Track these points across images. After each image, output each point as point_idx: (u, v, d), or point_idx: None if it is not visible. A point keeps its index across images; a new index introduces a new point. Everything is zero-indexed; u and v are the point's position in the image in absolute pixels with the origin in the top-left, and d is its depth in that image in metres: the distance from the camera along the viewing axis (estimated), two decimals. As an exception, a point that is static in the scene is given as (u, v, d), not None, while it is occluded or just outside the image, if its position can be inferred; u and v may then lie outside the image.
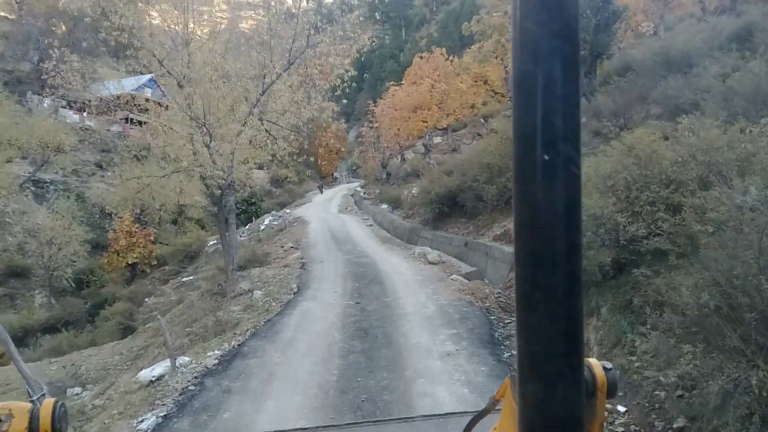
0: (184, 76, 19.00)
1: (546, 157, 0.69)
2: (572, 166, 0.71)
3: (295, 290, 16.00)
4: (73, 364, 21.55)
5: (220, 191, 20.23)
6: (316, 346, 10.77)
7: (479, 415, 1.44)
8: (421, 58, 41.11)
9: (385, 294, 14.71)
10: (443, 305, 13.22)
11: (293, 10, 21.04)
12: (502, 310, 13.10)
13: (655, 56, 25.16)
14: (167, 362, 11.07)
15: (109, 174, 33.05)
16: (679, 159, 10.09)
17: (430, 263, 19.00)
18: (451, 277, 16.60)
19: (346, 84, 20.59)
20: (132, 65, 19.34)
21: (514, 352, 10.92)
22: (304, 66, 20.55)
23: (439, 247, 22.89)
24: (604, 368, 1.12)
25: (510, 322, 12.10)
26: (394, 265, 19.23)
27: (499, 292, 14.36)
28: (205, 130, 18.69)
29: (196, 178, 21.83)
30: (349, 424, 2.33)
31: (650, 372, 8.50)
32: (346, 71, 20.36)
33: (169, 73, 19.24)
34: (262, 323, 12.82)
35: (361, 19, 21.47)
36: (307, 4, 20.86)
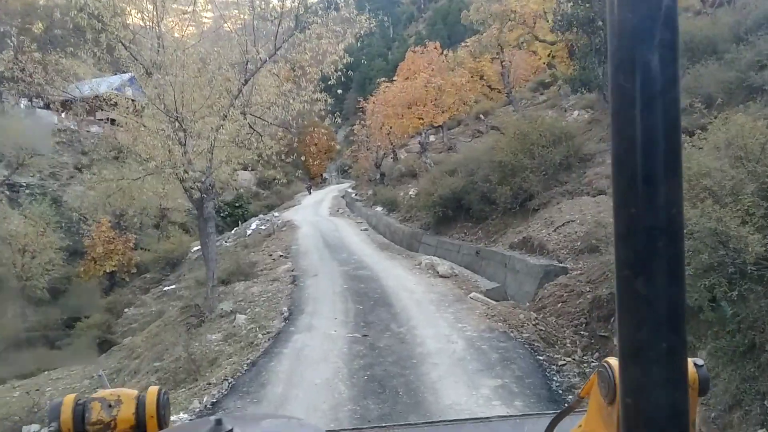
0: (153, 63, 15.84)
1: (646, 151, 0.66)
2: (673, 158, 0.67)
3: (286, 315, 12.86)
4: (38, 389, 18.40)
5: (199, 194, 17.10)
6: (318, 409, 7.60)
7: (563, 413, 1.33)
8: (414, 52, 38.12)
9: (396, 321, 11.62)
10: (473, 339, 10.15)
11: (278, 9, 17.98)
12: (546, 343, 10.08)
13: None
14: None
15: (87, 177, 29.86)
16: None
17: (441, 276, 15.96)
18: (471, 295, 13.57)
19: (340, 72, 17.52)
20: (93, 51, 16.12)
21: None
22: (292, 51, 17.45)
23: (445, 255, 19.92)
24: (695, 365, 1.07)
25: (564, 364, 9.08)
26: (399, 278, 16.18)
27: (536, 318, 11.32)
28: (178, 125, 15.55)
29: (173, 179, 18.67)
30: (425, 422, 2.27)
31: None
32: (340, 58, 17.31)
33: (135, 58, 16.02)
34: (245, 368, 9.59)
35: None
36: (293, 3, 17.64)
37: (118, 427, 1.17)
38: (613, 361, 1.20)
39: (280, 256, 22.42)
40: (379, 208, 31.14)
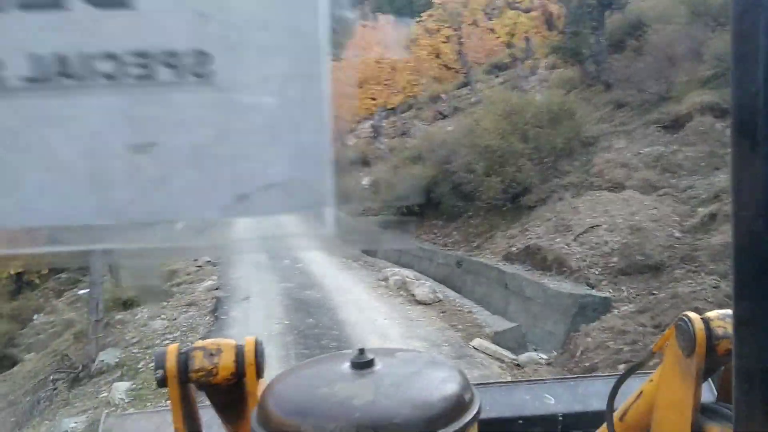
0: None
1: None
2: None
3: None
4: None
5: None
6: None
7: (632, 369, 1.26)
8: (364, 27, 32.73)
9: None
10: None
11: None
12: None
13: (683, 6, 17.83)
14: None
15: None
16: None
17: (420, 303, 10.83)
18: (475, 343, 8.46)
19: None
20: None
21: None
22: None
23: (413, 264, 14.92)
24: None
25: None
26: (362, 306, 10.94)
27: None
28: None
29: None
30: (479, 384, 1.63)
31: None
32: None
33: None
34: None
35: None
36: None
37: (219, 374, 1.14)
38: (693, 315, 1.14)
39: (207, 261, 16.94)
40: (327, 200, 25.80)
